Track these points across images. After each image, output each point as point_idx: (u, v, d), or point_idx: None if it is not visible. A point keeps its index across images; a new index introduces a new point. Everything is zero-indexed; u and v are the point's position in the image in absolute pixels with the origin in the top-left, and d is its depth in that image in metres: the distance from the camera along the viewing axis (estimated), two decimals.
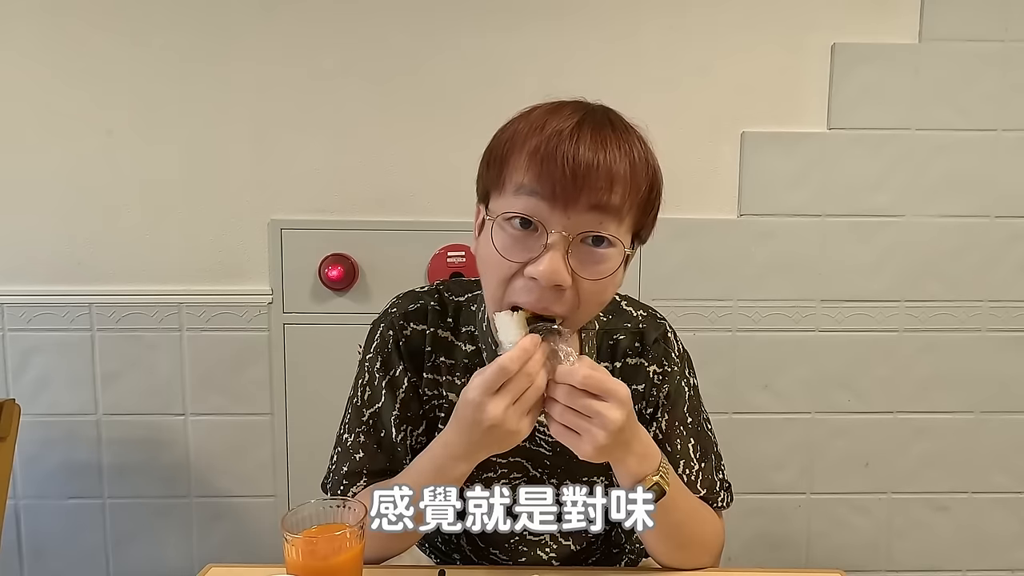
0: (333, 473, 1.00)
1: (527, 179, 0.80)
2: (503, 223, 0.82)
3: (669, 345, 1.01)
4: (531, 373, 0.79)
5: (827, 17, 1.70)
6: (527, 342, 0.80)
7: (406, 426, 0.98)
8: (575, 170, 0.78)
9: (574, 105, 0.85)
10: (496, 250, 0.82)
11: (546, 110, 0.84)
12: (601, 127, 0.82)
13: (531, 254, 0.81)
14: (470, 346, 0.99)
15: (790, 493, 1.84)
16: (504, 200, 0.83)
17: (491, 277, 0.85)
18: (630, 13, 1.69)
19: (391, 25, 1.68)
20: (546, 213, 0.80)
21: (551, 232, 0.80)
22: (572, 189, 0.79)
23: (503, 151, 0.84)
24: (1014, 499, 1.85)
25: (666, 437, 0.99)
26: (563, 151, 0.79)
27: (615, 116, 0.86)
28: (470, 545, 1.06)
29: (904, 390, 1.80)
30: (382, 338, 0.99)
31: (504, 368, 0.78)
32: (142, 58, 1.67)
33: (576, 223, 0.80)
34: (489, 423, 0.79)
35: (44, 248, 1.73)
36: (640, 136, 0.86)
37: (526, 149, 0.81)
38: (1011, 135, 1.73)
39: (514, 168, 0.82)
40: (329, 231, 1.72)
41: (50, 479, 1.79)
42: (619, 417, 0.79)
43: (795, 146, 1.73)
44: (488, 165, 0.86)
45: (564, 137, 0.79)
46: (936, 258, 1.76)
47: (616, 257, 0.83)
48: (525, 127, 0.83)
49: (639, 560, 1.14)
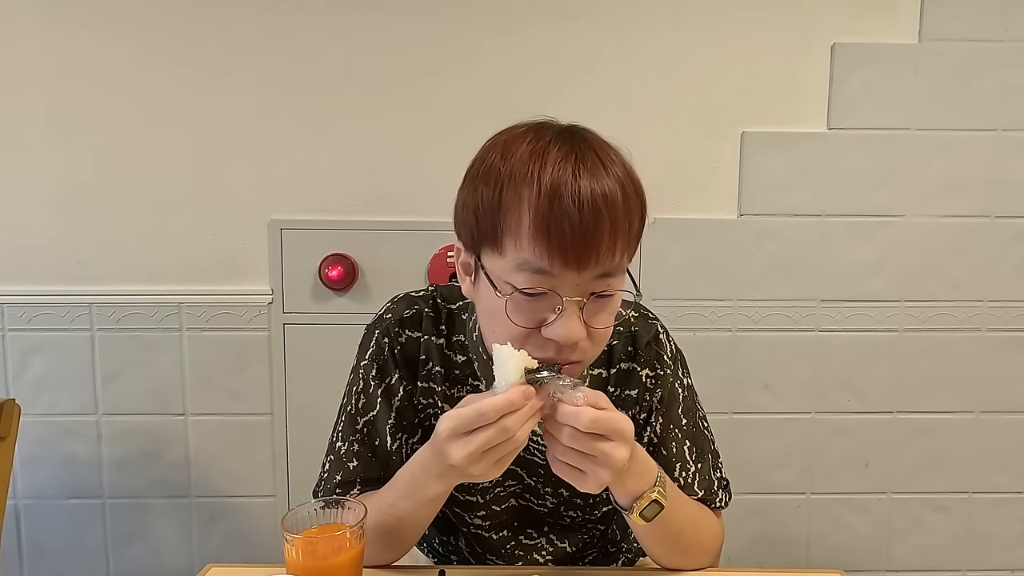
0: (325, 481, 0.99)
1: (531, 255, 0.77)
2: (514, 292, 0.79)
3: (661, 347, 0.99)
4: (509, 428, 0.75)
5: (827, 17, 1.70)
6: (516, 394, 0.75)
7: (401, 434, 0.98)
8: (583, 235, 0.76)
9: (556, 140, 0.80)
10: (508, 317, 0.80)
11: (530, 152, 0.79)
12: (593, 171, 0.77)
13: (544, 316, 0.80)
14: (461, 356, 0.97)
15: (790, 493, 1.83)
16: (506, 266, 0.79)
17: (499, 333, 0.82)
18: (631, 14, 1.69)
19: (391, 25, 1.68)
20: (554, 282, 0.78)
21: (564, 298, 0.78)
22: (582, 255, 0.76)
23: (494, 205, 0.79)
24: (1014, 499, 1.85)
25: (661, 441, 0.99)
26: (568, 218, 0.75)
27: (598, 146, 0.81)
28: (468, 548, 1.06)
29: (904, 390, 1.80)
30: (378, 344, 0.98)
31: (481, 414, 0.75)
32: (142, 58, 1.68)
33: (586, 283, 0.79)
34: (450, 463, 0.77)
35: (44, 248, 1.73)
36: (623, 162, 0.82)
37: (527, 215, 0.76)
38: (1011, 135, 1.73)
39: (514, 235, 0.77)
40: (329, 231, 1.72)
41: (50, 479, 1.79)
42: (624, 455, 0.78)
43: (795, 146, 1.73)
44: (476, 215, 0.81)
45: (565, 200, 0.75)
46: (936, 258, 1.76)
47: (619, 297, 0.83)
48: (512, 174, 0.78)
49: (636, 559, 1.14)
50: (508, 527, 1.03)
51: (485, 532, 1.03)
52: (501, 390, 0.77)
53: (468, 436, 0.76)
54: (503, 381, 0.78)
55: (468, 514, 1.02)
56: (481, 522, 1.02)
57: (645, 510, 0.85)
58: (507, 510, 1.02)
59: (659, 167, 1.72)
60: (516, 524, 1.03)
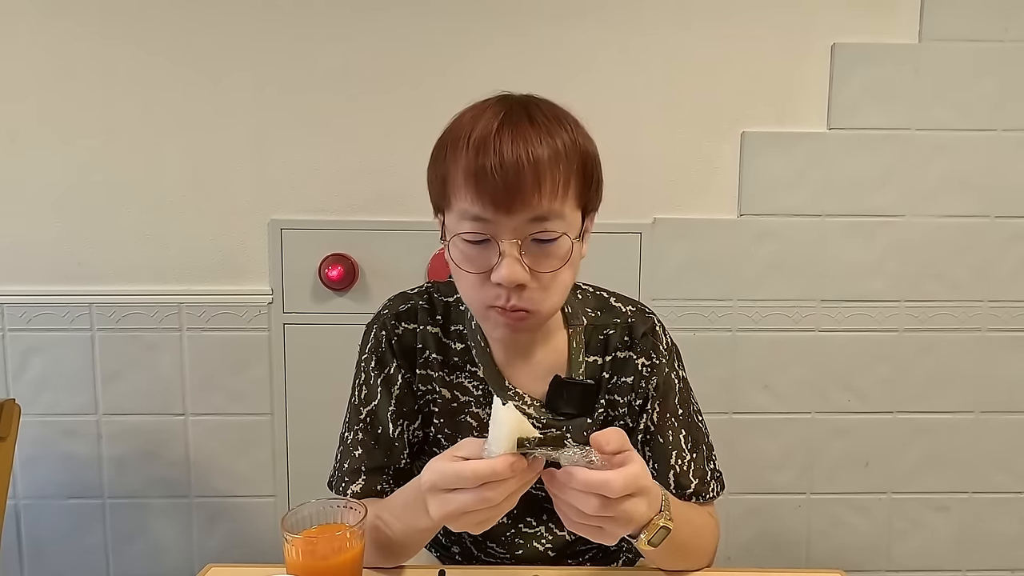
0: (336, 471, 1.03)
1: (466, 203, 0.84)
2: (459, 241, 0.87)
3: (657, 338, 1.02)
4: (490, 498, 0.74)
5: (827, 17, 1.70)
6: (502, 465, 0.73)
7: (402, 421, 1.01)
8: (505, 179, 0.82)
9: (497, 106, 0.87)
10: (458, 265, 0.88)
11: (470, 117, 0.87)
12: (518, 126, 0.84)
13: (491, 262, 0.85)
14: (459, 344, 1.01)
15: (790, 493, 1.83)
16: (454, 218, 0.87)
17: (463, 285, 0.90)
18: (631, 14, 1.69)
19: (392, 25, 1.68)
20: (492, 227, 0.84)
21: (501, 241, 0.84)
22: (507, 199, 0.82)
23: (442, 169, 0.87)
24: (1014, 499, 1.85)
25: (658, 429, 1.01)
26: (489, 162, 0.82)
27: (536, 108, 0.87)
28: (470, 537, 1.07)
29: (904, 390, 1.80)
30: (375, 338, 1.02)
31: (461, 477, 0.74)
32: (142, 58, 1.68)
33: (521, 227, 0.84)
34: (429, 515, 0.77)
35: (44, 248, 1.73)
36: (567, 120, 0.88)
37: (460, 168, 0.84)
38: (1011, 135, 1.73)
39: (453, 188, 0.86)
40: (329, 231, 1.72)
41: (50, 479, 1.79)
42: (645, 510, 0.78)
43: (795, 146, 1.73)
44: (431, 180, 0.90)
45: (489, 151, 0.82)
46: (936, 258, 1.76)
47: (566, 244, 0.87)
48: (453, 139, 0.86)
49: (637, 559, 1.15)
50: (508, 515, 1.04)
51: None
52: (490, 453, 0.74)
53: (447, 495, 0.76)
54: (495, 444, 0.74)
55: None
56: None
57: (653, 538, 0.84)
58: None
59: (659, 167, 1.72)
60: (516, 512, 1.04)
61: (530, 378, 1.00)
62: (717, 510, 1.07)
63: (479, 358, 1.00)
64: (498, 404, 0.76)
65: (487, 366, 1.00)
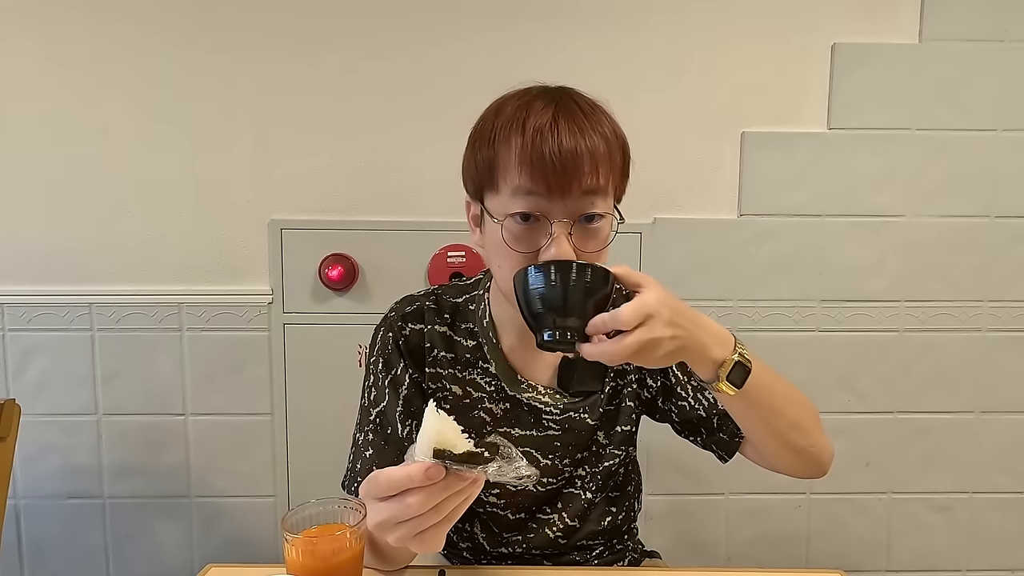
0: (349, 471, 1.04)
1: (522, 180, 0.87)
2: (510, 222, 0.88)
3: None
4: (412, 505, 0.71)
5: (827, 17, 1.70)
6: (415, 470, 0.71)
7: (410, 421, 1.02)
8: (564, 163, 0.85)
9: (542, 96, 0.91)
10: (508, 245, 0.88)
11: (518, 106, 0.90)
12: (573, 115, 0.88)
13: (540, 242, 0.88)
14: (471, 341, 1.03)
15: (790, 493, 1.83)
16: (503, 199, 0.89)
17: (505, 266, 0.90)
18: (630, 13, 1.69)
19: (392, 24, 1.68)
20: (546, 206, 0.87)
21: (554, 222, 0.87)
22: (564, 180, 0.86)
23: (491, 153, 0.90)
24: (1014, 499, 1.85)
25: (678, 381, 1.05)
26: (549, 148, 0.85)
27: (580, 99, 0.92)
28: (484, 532, 1.07)
29: (904, 390, 1.80)
30: (382, 341, 1.04)
31: (378, 484, 0.73)
32: (142, 57, 1.68)
33: (573, 208, 0.87)
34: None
35: (44, 248, 1.73)
36: (605, 111, 0.93)
37: (513, 150, 0.87)
38: (1011, 135, 1.73)
39: (505, 170, 0.88)
40: (329, 231, 1.72)
41: (50, 479, 1.79)
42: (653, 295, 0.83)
43: (795, 146, 1.73)
44: (476, 166, 0.92)
45: (546, 134, 0.86)
46: (936, 258, 1.76)
47: (607, 226, 0.91)
48: (504, 125, 0.89)
49: (641, 560, 1.15)
50: (524, 510, 1.06)
51: (501, 511, 1.05)
52: (411, 459, 0.72)
53: (376, 504, 0.75)
54: (417, 451, 0.71)
55: (484, 492, 1.02)
56: (496, 499, 1.05)
57: (731, 374, 0.86)
58: (523, 493, 1.04)
59: (659, 167, 1.72)
60: (532, 507, 1.06)
61: (542, 369, 1.02)
62: (719, 510, 1.06)
63: (491, 354, 1.02)
64: (429, 410, 0.74)
65: (499, 361, 1.01)
